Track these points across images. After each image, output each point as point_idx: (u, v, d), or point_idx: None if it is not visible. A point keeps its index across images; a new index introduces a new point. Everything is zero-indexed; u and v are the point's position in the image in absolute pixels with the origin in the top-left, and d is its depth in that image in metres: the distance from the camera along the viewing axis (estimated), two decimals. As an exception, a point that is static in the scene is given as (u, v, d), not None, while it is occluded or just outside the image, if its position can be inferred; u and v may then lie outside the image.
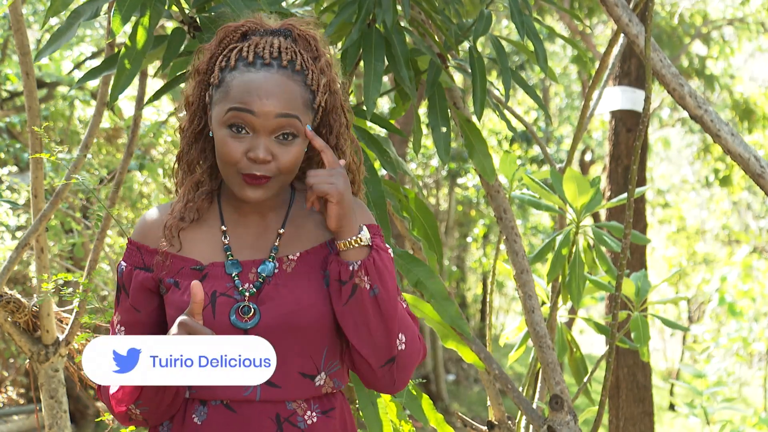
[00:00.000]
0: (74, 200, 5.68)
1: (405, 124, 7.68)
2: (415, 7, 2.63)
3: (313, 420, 1.82)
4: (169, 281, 1.84)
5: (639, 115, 5.58)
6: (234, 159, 1.77)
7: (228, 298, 1.80)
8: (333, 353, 1.85)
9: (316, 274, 1.83)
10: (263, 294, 1.80)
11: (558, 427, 2.67)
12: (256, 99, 1.76)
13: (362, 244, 1.77)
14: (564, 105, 14.29)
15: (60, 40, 2.28)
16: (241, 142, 1.76)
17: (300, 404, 1.81)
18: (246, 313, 1.78)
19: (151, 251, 1.86)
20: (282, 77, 1.79)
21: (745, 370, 11.98)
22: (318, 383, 1.83)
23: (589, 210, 3.12)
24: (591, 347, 14.38)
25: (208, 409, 1.80)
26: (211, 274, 1.83)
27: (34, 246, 3.21)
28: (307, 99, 1.81)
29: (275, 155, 1.77)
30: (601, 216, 5.45)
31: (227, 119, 1.77)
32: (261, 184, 1.77)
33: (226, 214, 1.88)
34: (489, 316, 3.24)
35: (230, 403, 1.80)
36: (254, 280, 1.82)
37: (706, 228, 15.47)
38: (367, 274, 1.76)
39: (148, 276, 1.85)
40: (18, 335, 3.19)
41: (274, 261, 1.83)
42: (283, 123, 1.77)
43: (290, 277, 1.82)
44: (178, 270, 1.84)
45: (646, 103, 2.53)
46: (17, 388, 7.48)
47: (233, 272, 1.82)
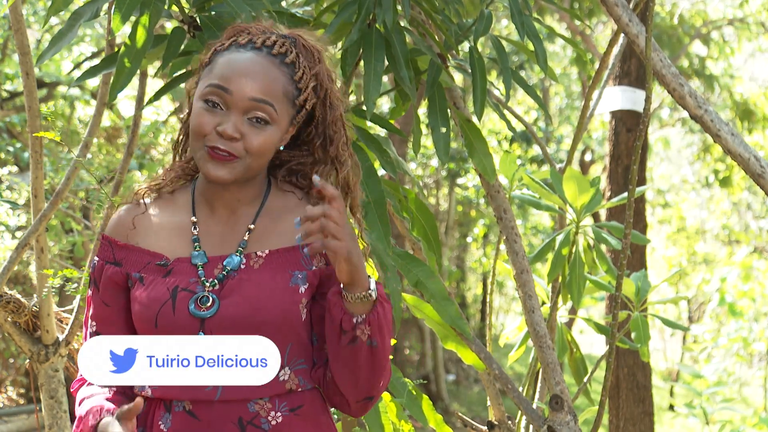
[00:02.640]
0: (74, 200, 5.68)
1: (405, 124, 7.68)
2: (415, 7, 2.63)
3: (277, 420, 1.80)
4: (135, 275, 1.84)
5: (639, 115, 5.58)
6: (203, 131, 1.77)
7: (189, 292, 1.80)
8: (298, 351, 1.84)
9: (282, 273, 1.82)
10: (226, 287, 1.80)
11: (558, 427, 2.67)
12: (235, 78, 1.77)
13: (371, 300, 1.75)
14: (564, 105, 14.29)
15: (61, 41, 2.29)
16: (214, 116, 1.77)
17: (263, 405, 1.80)
18: (204, 303, 1.78)
19: (121, 246, 1.87)
20: (267, 62, 1.80)
21: (745, 370, 11.98)
22: (282, 378, 1.81)
23: (589, 210, 3.12)
24: (591, 347, 14.38)
25: (172, 416, 1.80)
26: (176, 269, 1.83)
27: (34, 246, 3.21)
28: (289, 91, 1.81)
29: (244, 135, 1.77)
30: (601, 216, 5.45)
31: (204, 93, 1.79)
32: (225, 160, 1.77)
33: (198, 206, 1.88)
34: (489, 316, 3.23)
35: (192, 409, 1.79)
36: (218, 274, 1.82)
37: (706, 228, 15.47)
38: (370, 326, 1.75)
39: (117, 270, 1.86)
40: (18, 335, 3.19)
41: (241, 255, 1.83)
42: (256, 107, 1.77)
43: (256, 273, 1.81)
44: (145, 264, 1.84)
45: (646, 103, 2.53)
46: (17, 388, 7.48)
47: (198, 263, 1.82)
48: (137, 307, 1.82)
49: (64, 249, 5.91)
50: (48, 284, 3.08)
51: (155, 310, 1.79)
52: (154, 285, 1.81)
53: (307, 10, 2.74)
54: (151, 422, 1.82)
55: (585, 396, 3.31)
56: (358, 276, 1.72)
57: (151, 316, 1.79)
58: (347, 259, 1.69)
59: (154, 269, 1.84)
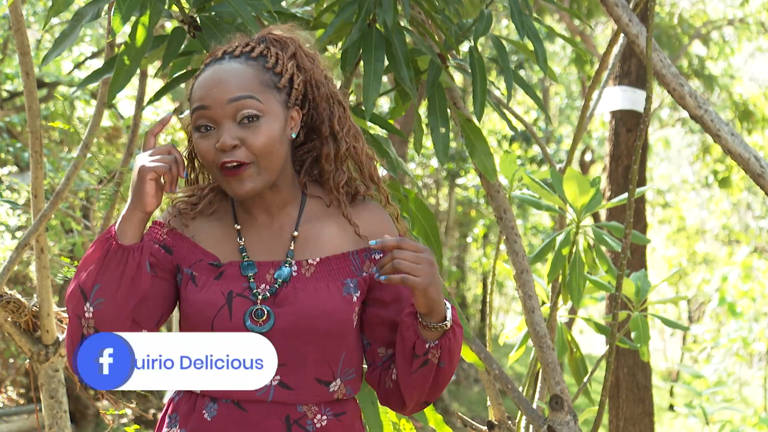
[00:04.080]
0: (74, 200, 5.68)
1: (405, 124, 7.68)
2: (415, 7, 2.63)
3: (322, 423, 1.80)
4: (187, 271, 1.82)
5: (639, 115, 5.58)
6: (209, 157, 1.76)
7: (244, 299, 1.78)
8: (350, 361, 1.83)
9: (336, 282, 1.81)
10: (280, 296, 1.78)
11: (558, 427, 2.67)
12: (207, 92, 1.76)
13: (445, 328, 1.76)
14: (564, 105, 14.29)
15: (64, 43, 2.30)
16: (209, 139, 1.76)
17: (311, 407, 1.80)
18: (259, 317, 1.76)
19: (175, 234, 1.85)
20: (232, 64, 1.79)
21: (745, 370, 11.98)
22: (332, 389, 1.82)
23: (590, 210, 3.12)
24: (591, 347, 14.38)
25: (218, 407, 1.78)
26: (228, 273, 1.81)
27: (34, 246, 3.21)
28: (267, 79, 1.79)
29: (243, 139, 1.75)
30: (602, 216, 5.45)
31: (193, 122, 1.78)
32: (239, 173, 1.75)
33: (239, 214, 1.86)
34: (489, 316, 3.23)
35: (241, 402, 1.78)
36: (270, 282, 1.80)
37: (706, 228, 15.47)
38: (440, 350, 1.77)
39: (168, 257, 1.83)
40: (18, 335, 3.19)
41: (292, 265, 1.81)
42: (237, 106, 1.75)
43: (309, 281, 1.80)
44: (196, 261, 1.82)
45: (647, 103, 2.53)
46: (17, 388, 7.48)
47: (249, 273, 1.80)
48: (190, 309, 1.79)
49: (64, 249, 5.91)
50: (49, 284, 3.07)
51: (211, 315, 1.77)
52: (207, 287, 1.79)
53: (307, 10, 2.74)
54: (191, 411, 1.80)
55: (585, 396, 3.31)
56: (437, 307, 1.73)
57: (206, 321, 1.77)
58: (424, 294, 1.70)
59: (206, 269, 1.81)
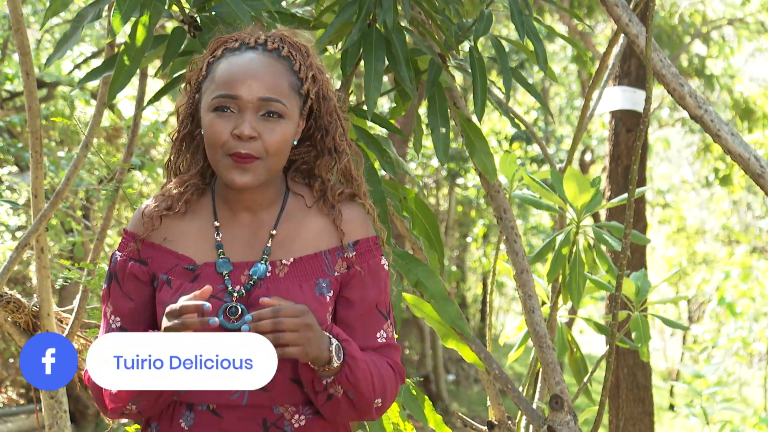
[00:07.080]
0: (74, 200, 5.68)
1: (405, 124, 7.68)
2: (415, 7, 2.63)
3: (301, 423, 1.80)
4: (162, 277, 1.82)
5: (639, 115, 5.58)
6: (221, 139, 1.75)
7: (218, 300, 1.78)
8: None
9: (308, 282, 1.81)
10: (253, 296, 1.78)
11: (558, 427, 2.67)
12: (239, 82, 1.75)
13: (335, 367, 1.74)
14: (564, 105, 14.29)
15: (66, 44, 2.30)
16: (228, 120, 1.76)
17: (287, 408, 1.80)
18: (233, 314, 1.76)
19: (147, 244, 1.85)
20: (267, 58, 1.79)
21: (745, 370, 11.98)
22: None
23: (590, 210, 3.11)
24: (591, 347, 14.38)
25: (194, 415, 1.79)
26: (203, 275, 1.81)
27: (34, 246, 3.21)
28: (293, 83, 1.80)
29: (261, 133, 1.75)
30: (602, 216, 5.45)
31: (213, 104, 1.77)
32: (248, 164, 1.75)
33: (220, 210, 1.86)
34: (489, 316, 3.23)
35: (217, 409, 1.78)
36: (245, 282, 1.80)
37: (706, 228, 15.47)
38: (341, 384, 1.75)
39: (143, 269, 1.84)
40: (18, 335, 3.19)
41: (267, 264, 1.82)
42: (268, 105, 1.76)
43: (282, 282, 1.81)
44: (171, 267, 1.83)
45: (646, 103, 2.53)
46: (17, 388, 7.48)
47: (224, 271, 1.81)
48: (163, 311, 1.78)
49: (64, 249, 5.91)
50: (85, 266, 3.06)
51: None
52: (182, 290, 1.79)
53: (307, 10, 2.74)
54: (169, 421, 1.81)
55: (585, 396, 3.31)
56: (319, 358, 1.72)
57: None
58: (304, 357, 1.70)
59: (182, 273, 1.82)
